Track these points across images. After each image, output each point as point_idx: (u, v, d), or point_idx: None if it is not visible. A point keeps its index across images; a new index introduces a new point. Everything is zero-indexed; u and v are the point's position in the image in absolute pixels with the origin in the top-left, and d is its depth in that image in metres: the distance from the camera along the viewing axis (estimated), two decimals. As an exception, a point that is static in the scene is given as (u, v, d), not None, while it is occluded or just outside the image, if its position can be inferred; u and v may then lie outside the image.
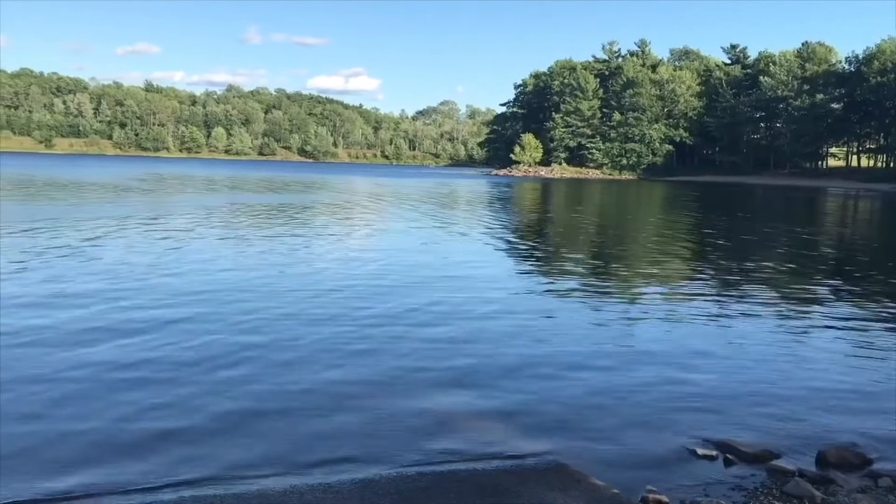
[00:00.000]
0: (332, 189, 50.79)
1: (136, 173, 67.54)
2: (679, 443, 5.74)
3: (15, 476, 4.87)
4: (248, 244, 17.47)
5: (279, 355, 7.81)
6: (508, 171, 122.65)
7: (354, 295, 11.27)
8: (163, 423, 5.86)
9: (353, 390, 6.77)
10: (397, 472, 5.10)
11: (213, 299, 10.60)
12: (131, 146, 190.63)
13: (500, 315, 10.22)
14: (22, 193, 34.77)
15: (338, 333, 8.79)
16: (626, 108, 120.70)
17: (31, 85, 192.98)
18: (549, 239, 23.06)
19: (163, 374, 7.07)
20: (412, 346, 8.37)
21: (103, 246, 16.18)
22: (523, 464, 5.31)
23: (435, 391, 6.82)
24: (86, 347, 7.84)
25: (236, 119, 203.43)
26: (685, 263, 17.38)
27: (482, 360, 7.91)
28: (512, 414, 6.30)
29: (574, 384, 7.18)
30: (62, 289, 10.97)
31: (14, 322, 8.76)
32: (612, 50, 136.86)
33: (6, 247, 15.34)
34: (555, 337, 9.06)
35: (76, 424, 5.75)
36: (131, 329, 8.64)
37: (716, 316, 10.69)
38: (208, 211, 27.55)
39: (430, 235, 21.33)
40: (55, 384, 6.64)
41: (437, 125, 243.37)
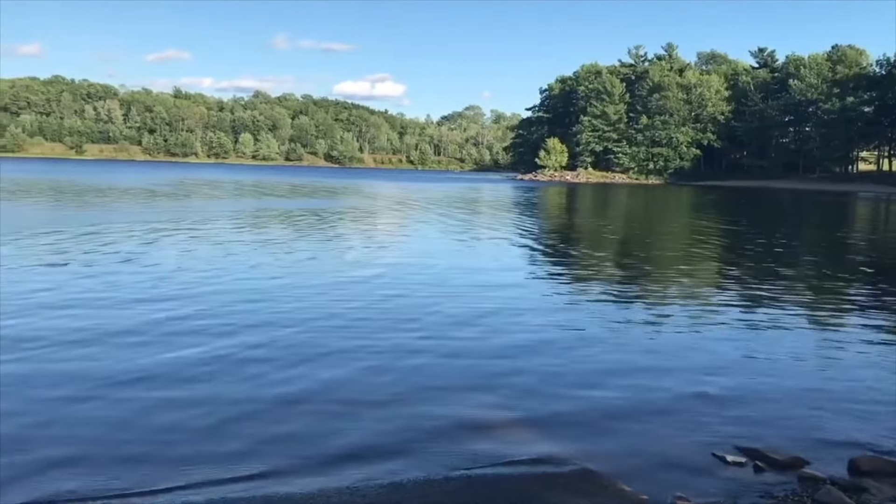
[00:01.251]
0: (360, 194, 50.97)
1: (169, 178, 68.35)
2: (708, 449, 5.68)
3: (76, 474, 4.96)
4: (282, 249, 17.58)
5: (309, 357, 7.86)
6: (534, 176, 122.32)
7: (384, 300, 11.31)
8: (192, 422, 5.93)
9: (382, 394, 6.79)
10: (425, 475, 5.11)
11: (253, 301, 10.72)
12: (160, 152, 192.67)
13: (527, 320, 10.20)
14: (70, 199, 35.35)
15: (366, 337, 8.83)
16: (653, 112, 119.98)
17: (63, 92, 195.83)
18: (576, 244, 22.95)
19: (197, 374, 7.19)
20: (440, 351, 8.38)
21: (154, 251, 16.44)
22: (550, 469, 5.29)
23: (462, 397, 6.82)
24: (131, 352, 7.95)
25: (263, 125, 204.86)
26: (713, 269, 17.23)
27: (509, 365, 7.89)
28: (539, 419, 6.28)
29: (601, 390, 7.14)
30: (121, 295, 11.13)
31: (91, 322, 8.91)
32: (639, 54, 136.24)
33: (73, 251, 15.72)
34: (581, 342, 9.02)
35: (121, 422, 5.84)
36: (174, 330, 8.78)
37: (745, 322, 10.57)
38: (244, 216, 27.96)
39: (458, 241, 21.33)
40: (126, 381, 6.79)
41: (463, 130, 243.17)
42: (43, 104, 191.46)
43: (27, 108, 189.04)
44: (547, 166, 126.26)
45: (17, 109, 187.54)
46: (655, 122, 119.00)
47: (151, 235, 19.55)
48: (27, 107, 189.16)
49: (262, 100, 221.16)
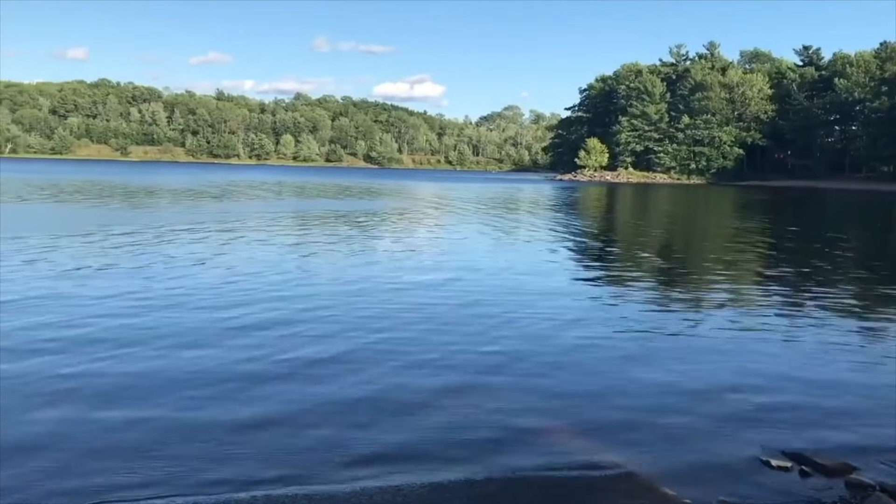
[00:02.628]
0: (403, 196, 51.10)
1: (216, 180, 69.30)
2: (752, 453, 5.61)
3: (111, 467, 5.07)
4: (342, 252, 17.71)
5: (355, 358, 7.93)
6: (573, 176, 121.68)
7: (427, 303, 11.32)
8: (240, 421, 6.01)
9: (423, 396, 6.82)
10: (466, 476, 5.11)
11: (297, 302, 10.86)
12: (203, 153, 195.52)
13: (567, 322, 10.16)
14: (130, 200, 36.07)
15: (407, 339, 8.89)
16: (695, 111, 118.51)
17: (109, 95, 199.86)
18: (618, 245, 22.79)
19: (247, 372, 7.32)
20: (480, 354, 8.38)
21: (224, 253, 16.66)
22: (592, 473, 5.26)
23: (502, 399, 6.82)
24: (194, 350, 8.12)
25: (304, 126, 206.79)
26: (756, 271, 16.96)
27: (549, 368, 7.88)
28: (580, 422, 6.26)
29: (642, 392, 7.09)
30: (202, 297, 11.34)
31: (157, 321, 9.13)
32: (680, 53, 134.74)
33: (150, 252, 16.11)
34: (622, 344, 8.96)
35: (172, 421, 5.97)
36: (213, 331, 8.93)
37: (790, 325, 10.41)
38: (300, 217, 28.31)
39: (498, 242, 21.31)
40: (168, 379, 6.92)
41: (501, 130, 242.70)
42: (90, 107, 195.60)
43: (74, 110, 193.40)
44: (587, 166, 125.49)
45: (66, 112, 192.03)
46: (697, 121, 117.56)
47: (217, 237, 19.89)
48: (74, 109, 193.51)
49: (302, 101, 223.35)
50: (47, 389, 6.68)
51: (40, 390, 6.66)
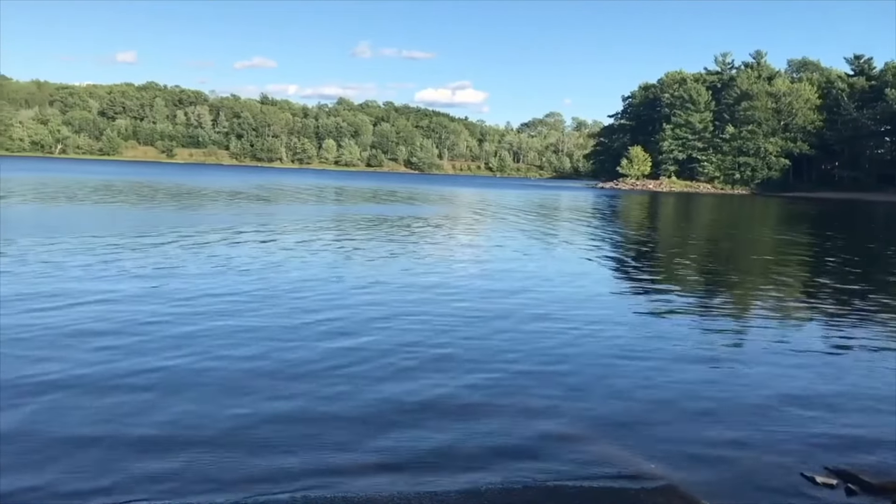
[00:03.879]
0: (445, 201, 51.16)
1: (263, 182, 70.21)
2: (796, 469, 5.52)
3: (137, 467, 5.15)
4: (368, 254, 17.92)
5: (389, 365, 7.97)
6: (615, 184, 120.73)
7: (465, 310, 11.34)
8: (279, 424, 6.08)
9: (461, 402, 6.84)
10: (503, 484, 5.11)
11: (336, 307, 10.94)
12: (246, 156, 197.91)
13: (606, 332, 10.11)
14: (183, 202, 36.80)
15: (441, 345, 8.92)
16: (740, 121, 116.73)
17: (156, 97, 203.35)
18: (659, 255, 22.55)
19: (287, 374, 7.42)
20: (519, 362, 8.37)
21: (282, 255, 16.94)
22: (633, 484, 5.23)
23: (541, 407, 6.80)
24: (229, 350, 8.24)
25: (346, 131, 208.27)
26: (801, 285, 16.64)
27: (589, 377, 7.86)
28: (620, 433, 6.22)
29: (683, 405, 7.03)
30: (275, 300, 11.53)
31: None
32: (725, 62, 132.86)
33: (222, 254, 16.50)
34: (663, 356, 8.88)
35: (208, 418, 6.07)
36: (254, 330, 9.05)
37: (832, 340, 10.23)
38: (352, 221, 28.62)
39: (537, 250, 21.22)
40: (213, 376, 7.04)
41: (543, 137, 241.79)
42: (137, 109, 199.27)
43: (122, 112, 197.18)
44: (629, 175, 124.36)
45: (114, 114, 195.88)
46: (742, 131, 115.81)
47: (285, 238, 20.31)
48: (122, 111, 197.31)
49: (345, 107, 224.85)
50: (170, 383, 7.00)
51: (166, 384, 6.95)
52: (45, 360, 7.52)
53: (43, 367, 7.30)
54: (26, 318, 9.30)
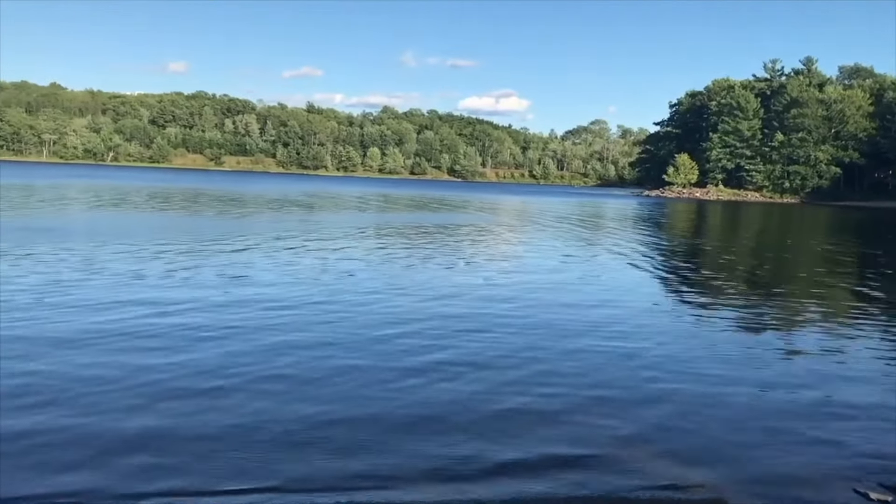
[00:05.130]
0: (492, 209, 51.12)
1: (316, 190, 71.06)
2: (848, 484, 5.38)
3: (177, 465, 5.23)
4: (435, 263, 17.99)
5: (433, 370, 8.00)
6: (661, 192, 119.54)
7: (508, 318, 11.33)
8: (332, 429, 6.14)
9: (503, 409, 6.82)
10: (548, 493, 5.07)
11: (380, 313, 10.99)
12: (293, 164, 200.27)
13: (651, 342, 10.01)
14: (239, 209, 37.56)
15: (481, 351, 8.91)
16: (790, 128, 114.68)
17: (205, 106, 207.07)
18: (710, 265, 22.21)
19: (338, 379, 7.51)
20: (560, 370, 8.33)
21: (339, 260, 17.23)
22: (681, 496, 5.16)
23: (584, 417, 6.75)
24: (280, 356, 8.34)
25: (390, 139, 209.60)
26: (854, 297, 16.21)
27: (634, 387, 7.78)
28: (670, 445, 6.13)
29: (732, 416, 6.92)
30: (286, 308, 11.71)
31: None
32: (775, 68, 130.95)
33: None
34: (712, 367, 8.74)
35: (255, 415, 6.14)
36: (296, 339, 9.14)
37: (882, 353, 9.96)
38: (402, 228, 28.83)
39: (581, 259, 21.03)
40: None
41: (588, 145, 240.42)
42: (187, 118, 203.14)
43: (172, 121, 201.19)
44: (675, 183, 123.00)
45: (164, 122, 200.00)
46: (792, 139, 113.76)
47: (340, 247, 20.47)
48: (172, 120, 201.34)
49: (389, 115, 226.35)
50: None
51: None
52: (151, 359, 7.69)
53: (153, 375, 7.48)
54: (134, 323, 9.59)
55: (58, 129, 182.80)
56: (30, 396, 6.60)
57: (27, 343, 8.39)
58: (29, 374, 7.25)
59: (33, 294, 11.23)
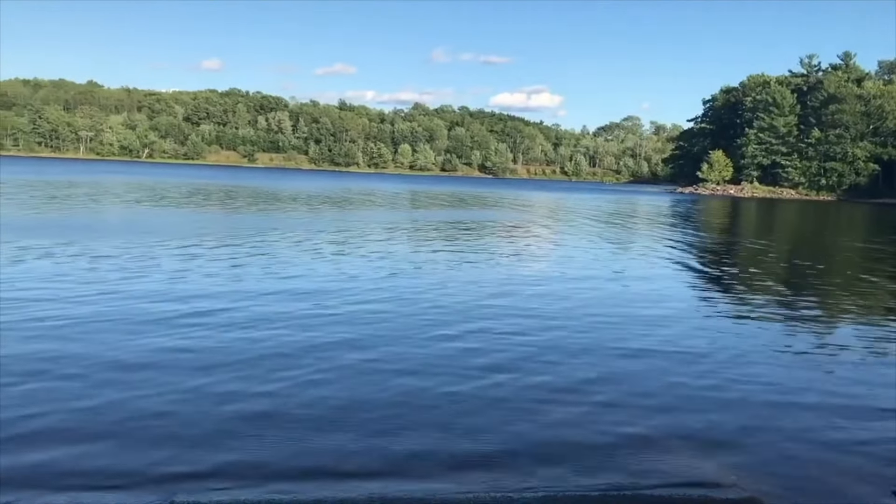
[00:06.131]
0: (518, 206, 50.91)
1: (350, 188, 70.99)
2: (887, 486, 5.28)
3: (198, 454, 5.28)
4: (483, 259, 18.01)
5: (465, 366, 7.99)
6: (694, 189, 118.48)
7: (561, 318, 11.22)
8: (376, 425, 6.15)
9: (536, 405, 6.79)
10: (580, 492, 5.03)
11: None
12: (324, 161, 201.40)
13: (689, 338, 9.91)
14: (280, 206, 37.89)
15: (515, 346, 8.89)
16: (827, 124, 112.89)
17: (238, 103, 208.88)
18: (753, 263, 21.92)
19: (393, 375, 7.55)
20: (594, 366, 8.28)
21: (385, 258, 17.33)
22: (713, 494, 5.09)
23: (619, 413, 6.70)
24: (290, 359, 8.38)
25: (421, 136, 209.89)
26: (890, 295, 15.89)
27: (666, 384, 7.70)
28: (702, 440, 6.07)
29: (766, 414, 6.81)
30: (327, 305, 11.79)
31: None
32: (811, 64, 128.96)
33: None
34: (749, 366, 8.60)
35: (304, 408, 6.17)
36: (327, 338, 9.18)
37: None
38: (430, 226, 28.92)
39: (623, 258, 20.79)
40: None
41: (620, 141, 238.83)
42: (220, 115, 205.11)
43: (206, 118, 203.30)
44: (709, 180, 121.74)
45: (198, 120, 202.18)
46: (829, 135, 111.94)
47: (387, 246, 20.45)
48: (206, 117, 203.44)
49: (420, 112, 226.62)
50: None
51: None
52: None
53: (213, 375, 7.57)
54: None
55: (94, 126, 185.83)
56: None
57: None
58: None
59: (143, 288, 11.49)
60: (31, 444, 5.49)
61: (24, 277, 12.18)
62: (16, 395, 6.49)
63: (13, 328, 8.77)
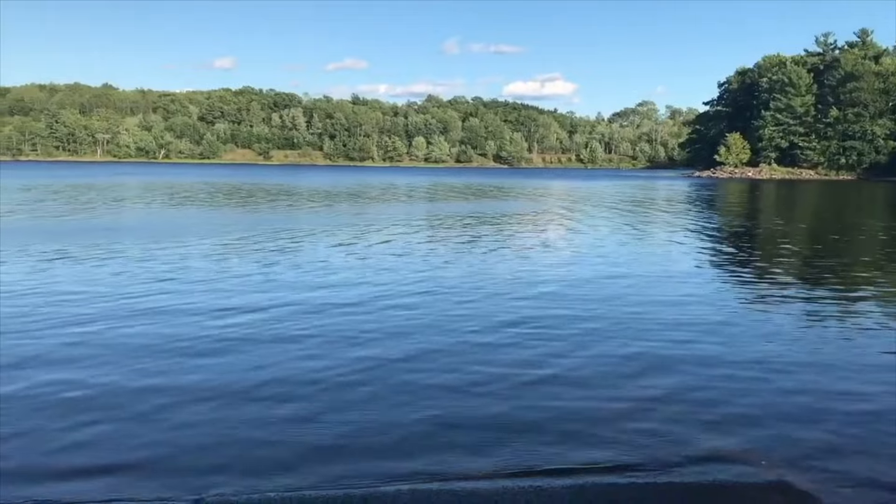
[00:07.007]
0: (536, 196, 50.71)
1: (371, 182, 71.18)
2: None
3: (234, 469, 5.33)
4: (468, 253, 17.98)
5: (498, 357, 8.00)
6: (712, 173, 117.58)
7: (572, 304, 11.27)
8: (393, 417, 6.18)
9: (564, 393, 6.80)
10: (611, 480, 5.03)
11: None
12: (339, 156, 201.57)
13: (722, 325, 9.88)
14: (305, 204, 38.06)
15: (538, 336, 8.88)
16: (845, 103, 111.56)
17: (252, 101, 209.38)
18: (772, 246, 21.77)
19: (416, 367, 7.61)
20: (626, 351, 8.29)
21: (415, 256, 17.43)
22: (741, 478, 5.07)
23: (647, 399, 6.69)
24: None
25: (435, 128, 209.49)
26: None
27: (698, 369, 7.69)
28: (731, 427, 6.02)
29: (800, 402, 6.74)
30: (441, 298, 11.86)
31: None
32: (827, 42, 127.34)
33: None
34: (780, 350, 8.56)
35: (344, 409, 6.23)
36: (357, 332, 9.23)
37: None
38: (455, 219, 28.94)
39: (652, 246, 20.46)
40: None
41: (635, 127, 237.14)
42: (234, 113, 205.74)
43: (221, 117, 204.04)
44: (726, 163, 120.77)
45: (213, 119, 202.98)
46: (848, 114, 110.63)
47: (411, 236, 20.66)
48: (221, 116, 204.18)
49: (433, 104, 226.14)
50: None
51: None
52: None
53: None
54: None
55: (111, 128, 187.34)
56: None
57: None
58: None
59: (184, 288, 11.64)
60: (67, 438, 5.58)
61: (62, 279, 12.40)
62: (52, 387, 6.61)
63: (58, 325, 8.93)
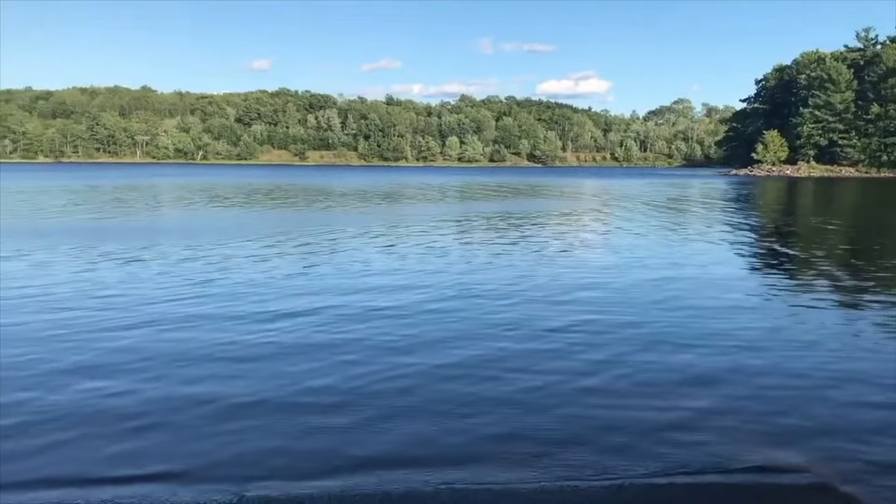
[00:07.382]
0: (572, 195, 50.41)
1: (409, 182, 71.23)
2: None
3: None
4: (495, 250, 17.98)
5: (540, 365, 7.95)
6: (749, 171, 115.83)
7: (607, 305, 11.25)
8: (414, 419, 6.23)
9: (609, 403, 6.73)
10: (647, 480, 5.03)
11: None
12: (374, 156, 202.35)
13: (756, 321, 9.79)
14: (347, 204, 38.38)
15: (582, 342, 8.88)
16: (887, 99, 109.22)
17: (288, 103, 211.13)
18: (810, 247, 21.53)
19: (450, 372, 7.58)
20: (657, 350, 8.28)
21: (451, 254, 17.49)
22: (783, 479, 5.07)
23: (689, 400, 6.68)
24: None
25: (469, 127, 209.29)
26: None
27: (733, 364, 7.70)
28: (772, 428, 6.02)
29: (843, 399, 6.73)
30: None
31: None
32: (868, 37, 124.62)
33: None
34: (815, 348, 8.51)
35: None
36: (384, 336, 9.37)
37: None
38: (497, 218, 28.90)
39: (684, 244, 20.36)
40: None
41: (671, 125, 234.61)
42: (271, 115, 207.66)
43: (258, 118, 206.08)
44: (764, 161, 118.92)
45: (250, 120, 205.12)
46: (889, 110, 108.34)
47: (454, 237, 20.65)
48: (258, 118, 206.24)
49: (467, 103, 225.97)
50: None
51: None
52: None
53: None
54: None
55: (150, 130, 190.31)
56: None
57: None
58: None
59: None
60: (111, 447, 5.64)
61: (108, 281, 12.70)
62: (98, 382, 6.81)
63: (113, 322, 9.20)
